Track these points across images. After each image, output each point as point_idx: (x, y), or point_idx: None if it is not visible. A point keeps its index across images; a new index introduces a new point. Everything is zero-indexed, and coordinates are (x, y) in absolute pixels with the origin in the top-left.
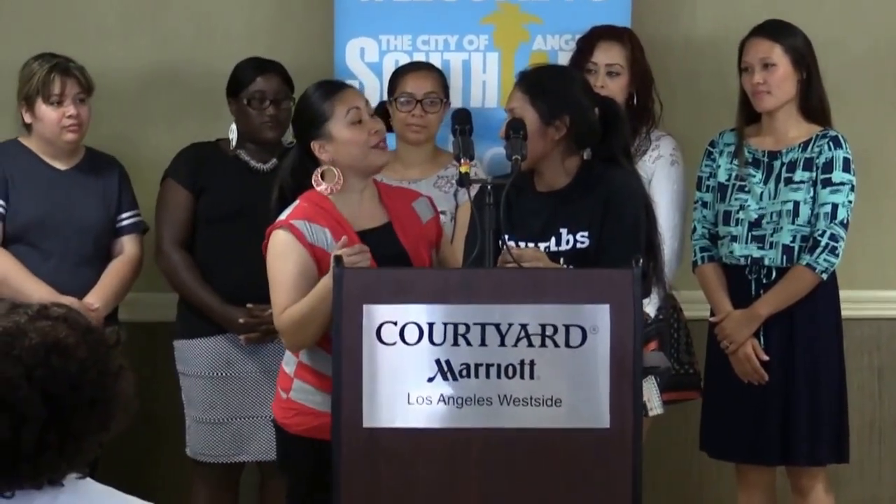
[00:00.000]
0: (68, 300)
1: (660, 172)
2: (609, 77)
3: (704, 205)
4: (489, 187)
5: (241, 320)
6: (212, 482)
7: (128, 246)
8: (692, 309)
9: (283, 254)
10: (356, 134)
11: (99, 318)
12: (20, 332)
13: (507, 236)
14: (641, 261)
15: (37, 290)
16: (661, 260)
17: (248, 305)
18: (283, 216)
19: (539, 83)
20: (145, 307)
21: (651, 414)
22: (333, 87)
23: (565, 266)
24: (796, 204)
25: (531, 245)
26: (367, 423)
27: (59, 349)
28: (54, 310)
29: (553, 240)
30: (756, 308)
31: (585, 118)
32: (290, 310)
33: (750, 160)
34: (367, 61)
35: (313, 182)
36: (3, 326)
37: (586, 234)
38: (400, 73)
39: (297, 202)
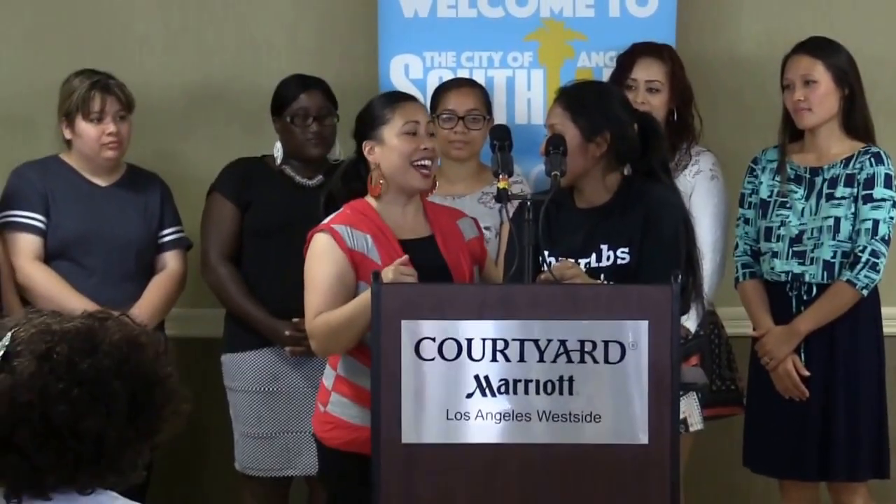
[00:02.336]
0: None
1: (700, 187)
2: (649, 93)
3: (747, 221)
4: (528, 203)
5: (287, 333)
6: (260, 496)
7: (171, 262)
8: (734, 325)
9: (321, 257)
10: (405, 143)
11: None
12: (96, 330)
13: (546, 252)
14: (680, 276)
15: (80, 305)
16: (701, 275)
17: (294, 320)
18: (325, 221)
19: (579, 99)
20: (192, 322)
21: (692, 430)
22: (399, 96)
23: (605, 282)
24: (837, 220)
25: (570, 261)
26: (406, 440)
27: (137, 346)
28: (101, 313)
29: (594, 256)
30: (796, 324)
31: (625, 134)
32: (325, 315)
33: (792, 176)
34: (411, 78)
35: (370, 183)
36: (76, 325)
37: (627, 250)
38: (442, 90)
39: (341, 209)
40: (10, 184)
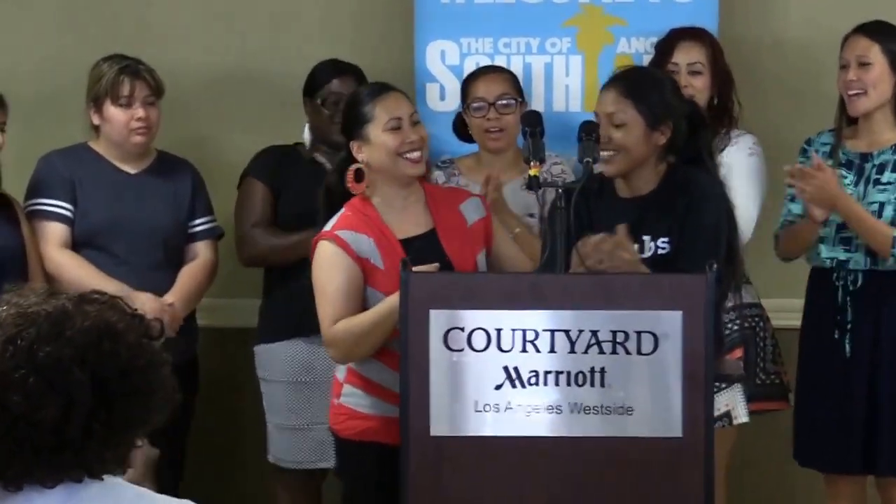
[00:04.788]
0: (145, 296)
1: (737, 163)
2: (691, 76)
3: (793, 199)
4: (560, 191)
5: None
6: (294, 488)
7: (202, 251)
8: (780, 318)
9: (330, 265)
10: (390, 139)
11: (176, 316)
12: (69, 314)
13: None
14: (716, 266)
15: (112, 289)
16: (741, 268)
17: None
18: (328, 226)
19: (640, 86)
20: (226, 312)
21: (736, 422)
22: (380, 90)
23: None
24: (881, 205)
25: (631, 246)
26: (434, 432)
27: (110, 333)
28: (98, 296)
29: (636, 247)
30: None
31: (681, 123)
32: (345, 323)
33: (843, 161)
34: (447, 64)
35: (347, 181)
36: (49, 309)
37: (667, 240)
38: (470, 80)
39: (342, 210)
40: (38, 171)
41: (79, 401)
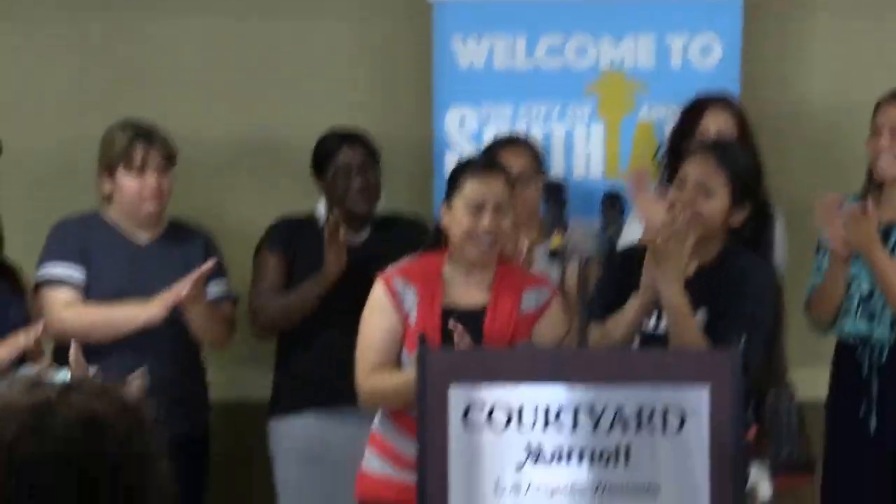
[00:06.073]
0: (164, 300)
1: None
2: None
3: (819, 269)
4: (582, 263)
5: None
6: None
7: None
8: (806, 388)
9: (375, 308)
10: (467, 218)
11: (196, 298)
12: (51, 407)
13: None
14: (755, 350)
15: (131, 313)
16: (785, 361)
17: None
18: (391, 267)
19: (735, 161)
20: (239, 386)
21: (759, 502)
22: (480, 168)
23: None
24: None
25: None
26: None
27: (96, 425)
28: (86, 383)
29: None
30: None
31: (755, 210)
32: (375, 379)
33: None
34: (466, 131)
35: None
36: (30, 402)
37: (704, 309)
38: (491, 150)
39: (415, 258)
40: (51, 236)
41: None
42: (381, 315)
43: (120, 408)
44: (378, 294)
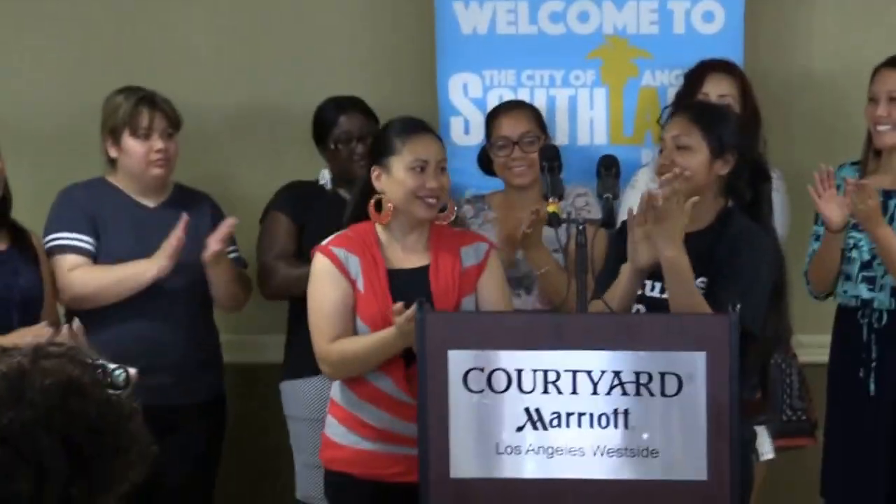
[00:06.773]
0: (166, 250)
1: None
2: None
3: (818, 238)
4: (580, 227)
5: None
6: None
7: None
8: (808, 353)
9: (323, 280)
10: (411, 179)
11: (221, 256)
12: (26, 373)
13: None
14: (739, 305)
15: (135, 266)
16: (789, 324)
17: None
18: (326, 241)
19: (710, 114)
20: (251, 350)
21: (762, 459)
22: (415, 129)
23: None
24: None
25: (649, 283)
26: (454, 474)
27: (75, 389)
28: (53, 348)
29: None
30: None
31: (746, 162)
32: (341, 344)
33: None
34: (470, 97)
35: (369, 211)
36: (3, 369)
37: (705, 279)
38: (493, 117)
39: (345, 229)
40: (58, 205)
41: (52, 469)
42: (331, 285)
43: (92, 370)
44: (323, 265)
